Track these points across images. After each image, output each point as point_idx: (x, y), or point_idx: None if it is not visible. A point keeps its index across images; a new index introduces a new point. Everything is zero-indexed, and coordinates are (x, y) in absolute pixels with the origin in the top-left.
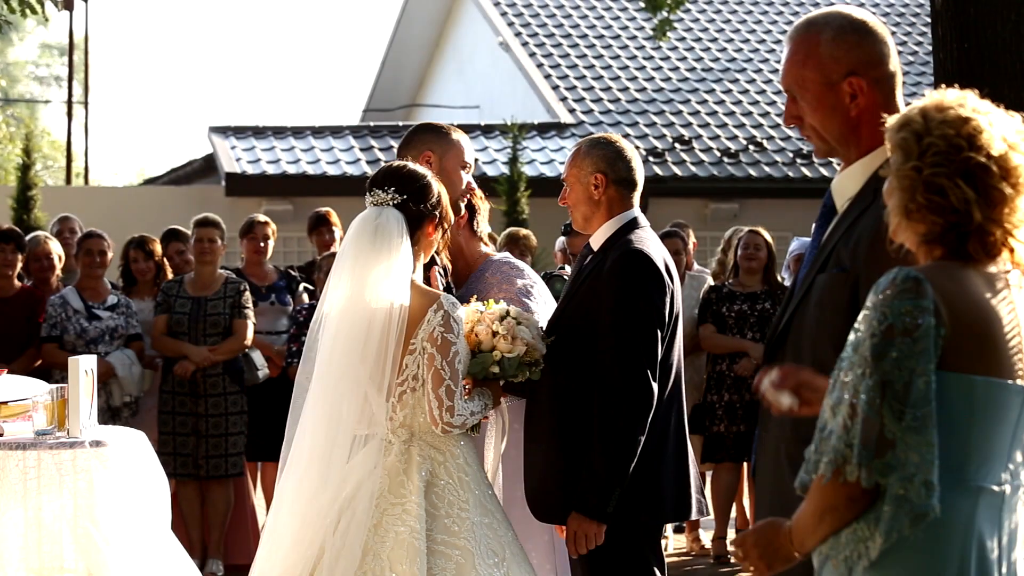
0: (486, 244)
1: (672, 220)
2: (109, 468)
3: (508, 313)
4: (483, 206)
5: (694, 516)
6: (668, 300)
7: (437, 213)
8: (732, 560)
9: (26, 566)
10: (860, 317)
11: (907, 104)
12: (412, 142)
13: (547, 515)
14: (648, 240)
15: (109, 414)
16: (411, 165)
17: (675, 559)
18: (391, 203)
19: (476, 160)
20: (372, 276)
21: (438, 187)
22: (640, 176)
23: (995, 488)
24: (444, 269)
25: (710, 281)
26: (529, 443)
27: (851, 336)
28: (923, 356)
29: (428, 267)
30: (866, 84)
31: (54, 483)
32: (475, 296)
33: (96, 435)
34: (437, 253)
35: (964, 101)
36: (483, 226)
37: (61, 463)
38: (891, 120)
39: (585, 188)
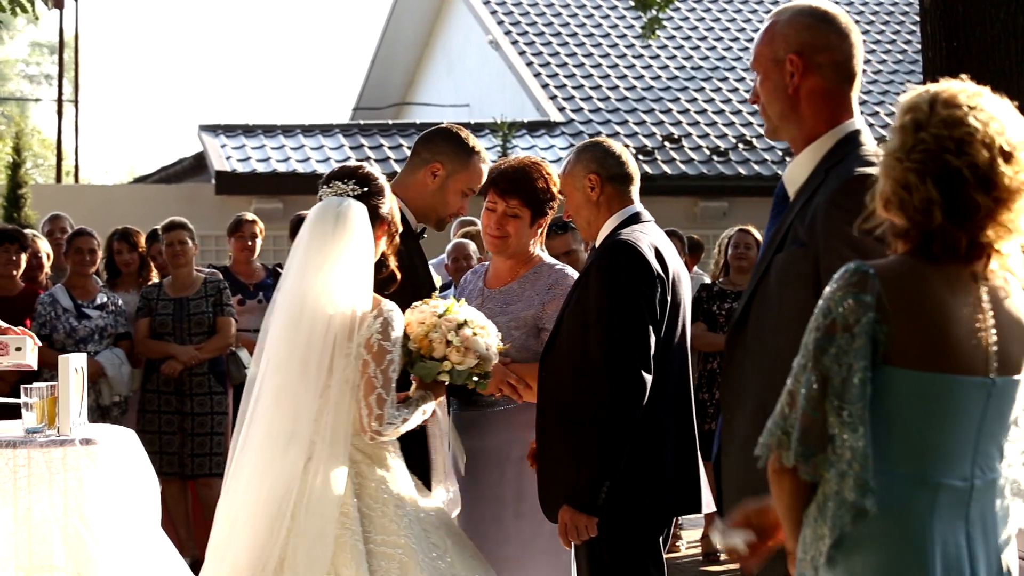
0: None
1: (662, 218)
2: (99, 466)
3: (466, 323)
4: None
5: (705, 510)
6: (659, 290)
7: (388, 219)
8: (722, 557)
9: (15, 565)
10: (816, 307)
11: (862, 108)
12: (431, 146)
13: (551, 511)
14: (641, 232)
15: (99, 413)
16: (368, 167)
17: None
18: (351, 194)
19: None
20: (329, 266)
21: (392, 197)
22: (634, 169)
23: (957, 483)
24: (392, 275)
25: (705, 280)
26: (538, 440)
27: (809, 324)
28: (860, 352)
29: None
30: (803, 65)
31: (44, 481)
32: (459, 297)
33: (86, 433)
34: (385, 260)
35: (976, 102)
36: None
37: (51, 461)
38: (904, 96)
39: (582, 193)
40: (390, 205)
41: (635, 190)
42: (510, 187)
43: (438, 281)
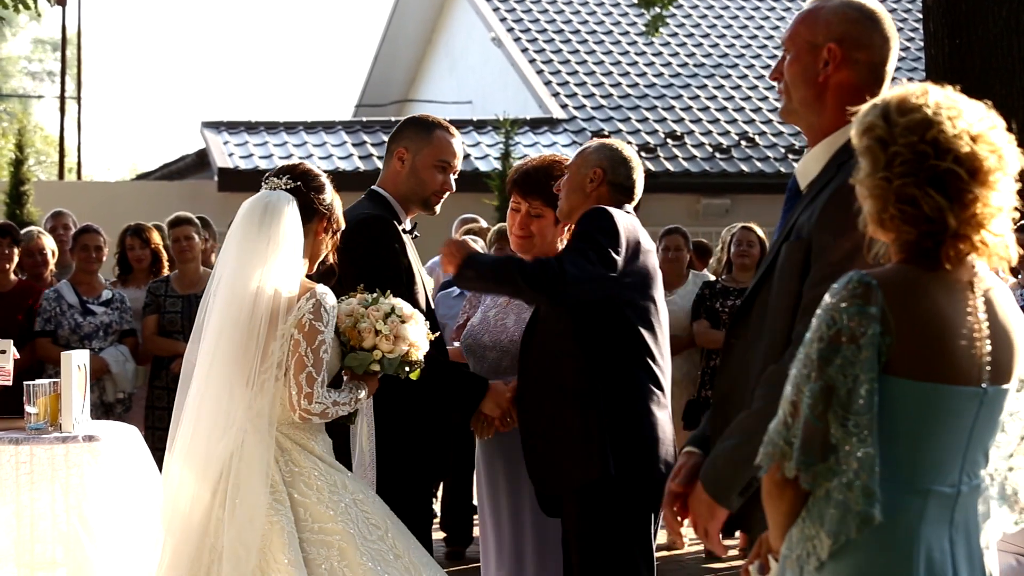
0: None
1: (664, 216)
2: (101, 463)
3: (393, 310)
4: None
5: None
6: (623, 243)
7: (328, 215)
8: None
9: (17, 562)
10: (814, 315)
11: None
12: (396, 136)
13: (542, 483)
14: (617, 211)
15: (102, 410)
16: (309, 165)
17: (662, 553)
18: (284, 187)
19: (468, 156)
20: (257, 258)
21: (333, 194)
22: (638, 188)
23: (946, 490)
24: (332, 269)
25: (708, 278)
26: (520, 419)
27: (807, 334)
28: (867, 364)
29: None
30: (841, 57)
31: (46, 478)
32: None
33: (89, 430)
34: (326, 259)
35: (926, 99)
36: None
37: (54, 458)
38: (857, 118)
39: (581, 179)
40: (330, 202)
41: (629, 207)
42: (531, 187)
43: (430, 282)
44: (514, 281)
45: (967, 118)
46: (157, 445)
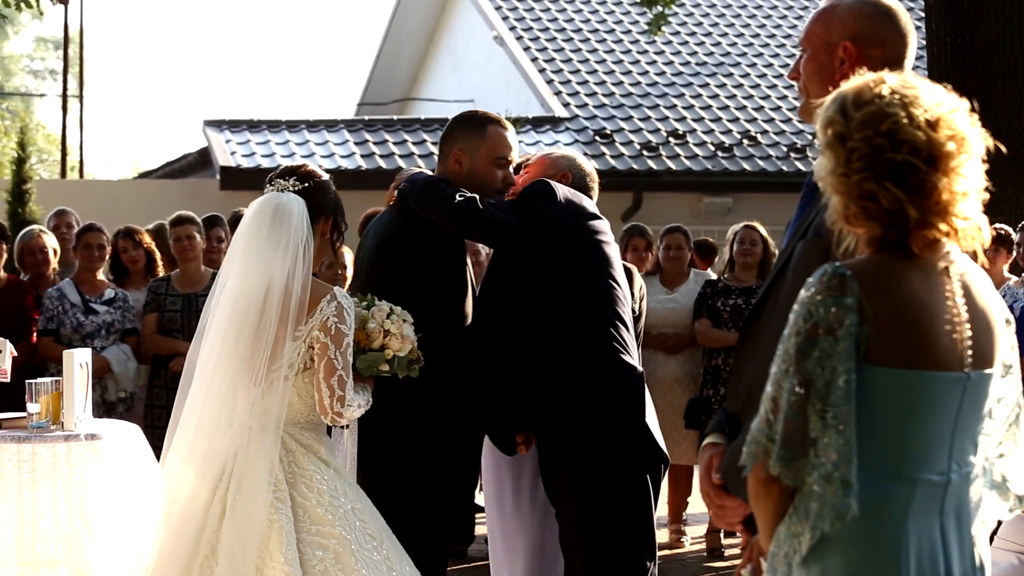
0: None
1: (667, 214)
2: (103, 461)
3: (392, 311)
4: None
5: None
6: (563, 209)
7: (333, 216)
8: (727, 554)
9: (19, 560)
10: (792, 310)
11: None
12: (449, 138)
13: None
14: (565, 187)
15: (104, 408)
16: (311, 166)
17: (664, 552)
18: (292, 189)
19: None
20: (267, 258)
21: (335, 195)
22: (594, 198)
23: (934, 478)
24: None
25: (711, 277)
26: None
27: (785, 330)
28: (844, 355)
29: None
30: (856, 55)
31: (48, 476)
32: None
33: (91, 428)
34: (332, 264)
35: (881, 89)
36: None
37: (56, 456)
38: (819, 112)
39: (545, 174)
40: (336, 202)
41: None
42: None
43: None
44: (434, 202)
45: (924, 104)
46: (156, 444)
